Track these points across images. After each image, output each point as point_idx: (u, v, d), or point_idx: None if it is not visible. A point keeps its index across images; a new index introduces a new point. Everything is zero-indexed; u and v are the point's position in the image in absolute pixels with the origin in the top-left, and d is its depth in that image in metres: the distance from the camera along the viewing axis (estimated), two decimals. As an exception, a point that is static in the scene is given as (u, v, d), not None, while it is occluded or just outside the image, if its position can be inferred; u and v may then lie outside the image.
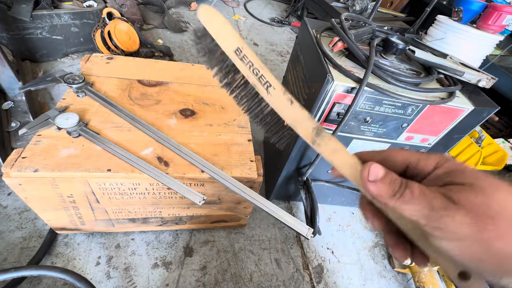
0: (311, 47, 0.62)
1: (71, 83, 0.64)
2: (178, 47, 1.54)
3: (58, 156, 0.51)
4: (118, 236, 0.70)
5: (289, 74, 0.77)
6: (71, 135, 0.55)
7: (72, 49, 1.23)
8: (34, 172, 0.48)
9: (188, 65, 0.84)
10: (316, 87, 0.55)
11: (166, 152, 0.57)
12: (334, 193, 0.87)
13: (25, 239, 0.65)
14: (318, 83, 0.55)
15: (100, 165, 0.51)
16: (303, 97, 0.61)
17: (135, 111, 0.64)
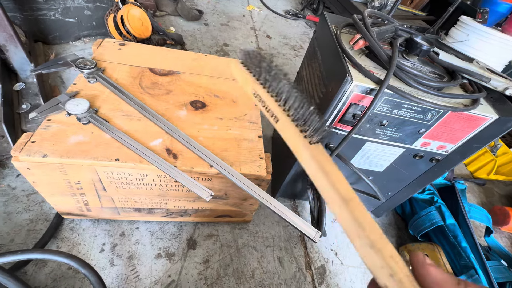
0: (330, 44, 0.60)
1: (83, 68, 0.63)
2: (190, 35, 1.52)
3: (67, 142, 0.50)
4: (123, 224, 0.70)
5: (303, 70, 0.75)
6: (80, 121, 0.54)
7: (84, 32, 1.22)
8: (42, 157, 0.47)
9: (200, 55, 0.82)
10: (333, 86, 0.53)
11: (175, 144, 0.56)
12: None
13: (32, 222, 0.66)
14: (335, 82, 0.52)
15: (108, 154, 0.50)
16: (319, 96, 0.59)
17: (146, 100, 0.63)
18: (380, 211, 0.92)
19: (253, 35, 1.72)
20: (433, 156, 0.66)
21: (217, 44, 1.52)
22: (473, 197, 1.12)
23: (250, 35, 1.71)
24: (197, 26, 1.61)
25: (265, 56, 0.31)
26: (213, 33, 1.61)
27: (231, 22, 1.77)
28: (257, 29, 1.79)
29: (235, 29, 1.71)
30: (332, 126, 0.58)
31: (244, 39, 1.64)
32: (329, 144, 0.63)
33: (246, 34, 1.69)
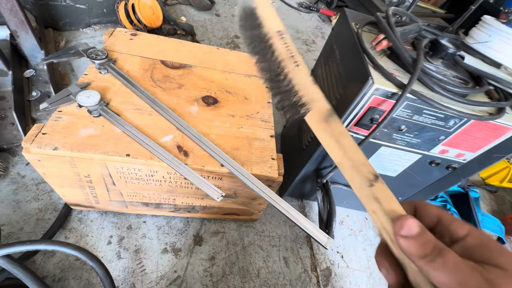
0: (350, 43, 0.57)
1: (94, 58, 0.62)
2: (201, 26, 1.49)
3: (78, 136, 0.50)
4: (130, 217, 0.70)
5: (319, 68, 0.72)
6: (91, 114, 0.53)
7: (95, 19, 1.20)
8: (53, 150, 0.47)
9: (213, 49, 0.80)
10: (352, 88, 0.51)
11: (186, 141, 0.55)
12: (351, 197, 0.84)
13: (41, 211, 0.66)
14: (355, 84, 0.50)
15: (119, 149, 0.50)
16: (335, 97, 0.57)
17: (157, 94, 0.62)
18: (388, 215, 0.91)
19: (264, 27, 1.68)
20: (450, 164, 0.64)
21: (228, 36, 1.49)
22: (484, 204, 1.09)
23: (262, 27, 1.67)
24: (208, 17, 1.58)
25: None
26: (224, 24, 1.57)
27: (242, 13, 1.73)
28: (269, 22, 1.75)
29: (246, 20, 1.67)
30: (348, 128, 0.56)
31: (255, 31, 1.60)
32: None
33: (257, 27, 1.65)
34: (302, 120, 0.27)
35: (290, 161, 0.81)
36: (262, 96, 0.70)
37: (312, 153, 0.65)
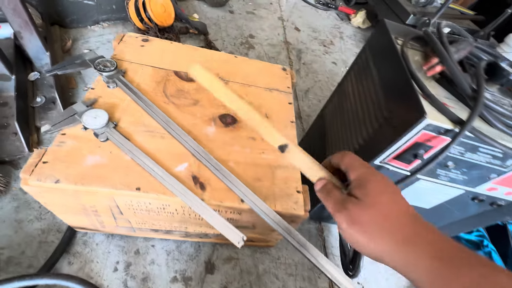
0: (393, 62, 0.50)
1: (102, 70, 0.56)
2: (214, 24, 1.41)
3: (83, 164, 0.44)
4: (138, 240, 0.65)
5: (349, 84, 0.65)
6: (98, 137, 0.47)
7: (103, 16, 1.14)
8: (55, 183, 0.41)
9: (231, 57, 0.73)
10: (396, 119, 0.44)
11: (202, 170, 0.49)
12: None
13: (44, 232, 0.62)
14: (400, 115, 0.43)
15: (128, 181, 0.44)
16: (372, 125, 0.50)
17: (170, 112, 0.56)
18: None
19: (280, 26, 1.59)
20: (495, 201, 0.57)
21: (242, 35, 1.41)
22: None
23: (278, 26, 1.58)
24: (221, 13, 1.50)
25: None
26: (238, 22, 1.49)
27: (257, 10, 1.64)
28: (285, 20, 1.66)
29: (261, 18, 1.59)
30: (386, 161, 0.49)
31: (271, 30, 1.52)
32: (376, 178, 0.54)
33: (273, 25, 1.57)
34: (324, 137, 0.30)
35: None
36: (284, 114, 0.64)
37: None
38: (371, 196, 0.26)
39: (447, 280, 0.22)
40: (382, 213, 0.25)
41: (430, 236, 0.24)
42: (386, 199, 0.26)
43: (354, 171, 0.30)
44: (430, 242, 0.24)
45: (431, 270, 0.22)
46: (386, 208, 0.26)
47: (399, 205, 0.26)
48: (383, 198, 0.26)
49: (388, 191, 0.27)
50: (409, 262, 0.24)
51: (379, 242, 0.25)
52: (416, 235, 0.24)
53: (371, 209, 0.26)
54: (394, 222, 0.25)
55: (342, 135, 0.62)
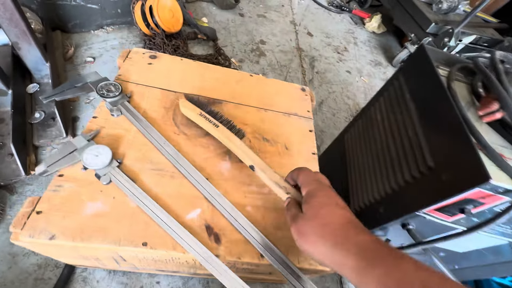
0: (437, 98, 0.43)
1: (105, 95, 0.50)
2: (224, 28, 1.34)
3: (82, 214, 0.39)
4: (142, 276, 0.60)
5: (377, 112, 0.59)
6: (100, 179, 0.42)
7: (108, 21, 1.08)
8: (49, 240, 0.36)
9: (245, 76, 0.67)
10: (446, 173, 0.38)
11: (216, 217, 0.43)
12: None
13: (40, 268, 0.57)
14: (452, 169, 0.37)
15: (134, 234, 0.38)
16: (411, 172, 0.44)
17: (181, 145, 0.50)
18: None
19: (292, 31, 1.51)
20: (542, 252, 0.51)
21: (253, 41, 1.34)
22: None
23: (290, 31, 1.50)
24: (231, 17, 1.42)
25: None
26: (249, 26, 1.42)
27: (268, 13, 1.57)
28: (297, 24, 1.58)
29: (273, 22, 1.51)
30: (425, 211, 0.43)
31: (282, 35, 1.44)
32: (409, 225, 0.49)
33: (285, 30, 1.49)
34: (345, 163, 0.29)
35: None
36: (305, 145, 0.58)
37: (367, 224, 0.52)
38: (313, 210, 0.32)
39: (365, 273, 0.26)
40: (321, 224, 0.30)
41: (358, 238, 0.28)
42: (325, 211, 0.31)
43: (305, 188, 0.35)
44: (356, 243, 0.27)
45: (354, 266, 0.26)
46: (324, 219, 0.30)
47: (336, 215, 0.30)
48: (323, 210, 0.31)
49: (329, 204, 0.32)
50: (340, 262, 0.28)
51: (319, 248, 0.29)
52: (345, 238, 0.28)
53: (312, 221, 0.31)
54: (330, 230, 0.29)
55: (369, 170, 0.56)
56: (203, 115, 0.49)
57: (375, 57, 1.58)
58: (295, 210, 0.35)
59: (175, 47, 1.08)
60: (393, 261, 0.25)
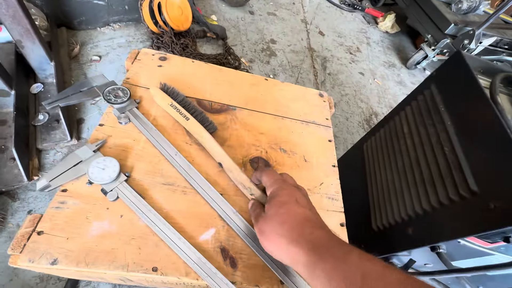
0: (479, 112, 0.39)
1: (113, 101, 0.46)
2: (233, 27, 1.29)
3: (87, 235, 0.35)
4: (148, 291, 0.57)
5: (404, 123, 0.54)
6: (107, 196, 0.38)
7: (115, 17, 1.04)
8: (51, 265, 0.32)
9: (260, 80, 0.63)
10: (493, 200, 0.34)
11: (232, 238, 0.40)
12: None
13: (42, 281, 0.54)
14: (500, 196, 0.33)
15: (143, 258, 0.35)
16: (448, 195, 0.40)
17: (193, 156, 0.46)
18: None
19: (304, 30, 1.46)
20: None
21: (263, 40, 1.29)
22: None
23: (301, 29, 1.45)
24: (241, 14, 1.38)
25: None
26: (259, 24, 1.37)
27: (279, 11, 1.52)
28: (308, 22, 1.53)
29: (283, 20, 1.46)
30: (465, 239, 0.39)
31: (293, 34, 1.40)
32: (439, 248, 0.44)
33: (296, 29, 1.44)
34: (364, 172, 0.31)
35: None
36: (325, 156, 0.54)
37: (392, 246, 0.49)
38: (273, 209, 0.33)
39: (314, 268, 0.27)
40: (279, 222, 0.31)
41: (313, 235, 0.29)
42: (284, 210, 0.32)
43: (269, 189, 0.37)
44: (310, 240, 0.28)
45: (306, 262, 0.28)
46: (282, 217, 0.31)
47: (295, 214, 0.31)
48: (282, 209, 0.32)
49: (289, 202, 0.33)
50: (294, 259, 0.29)
51: (277, 246, 0.30)
52: (300, 236, 0.29)
53: (271, 220, 0.32)
54: (288, 227, 0.30)
55: (394, 186, 0.52)
56: (174, 105, 0.47)
57: (389, 58, 1.53)
58: (258, 210, 0.36)
59: (183, 46, 1.04)
60: (341, 255, 0.26)
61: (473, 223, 0.35)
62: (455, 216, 0.38)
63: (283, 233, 0.30)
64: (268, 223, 0.32)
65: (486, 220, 0.33)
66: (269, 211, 0.33)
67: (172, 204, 0.40)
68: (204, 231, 0.39)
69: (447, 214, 0.40)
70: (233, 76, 0.62)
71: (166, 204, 0.40)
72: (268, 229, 0.32)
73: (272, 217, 0.32)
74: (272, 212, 0.33)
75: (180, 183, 0.43)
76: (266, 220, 0.33)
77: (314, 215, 0.33)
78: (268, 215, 0.33)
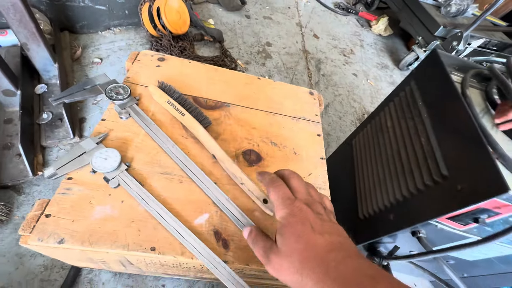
0: (451, 105, 0.42)
1: (114, 98, 0.50)
2: (230, 30, 1.34)
3: (91, 218, 0.38)
4: (147, 279, 0.60)
5: (387, 118, 0.58)
6: (109, 183, 0.41)
7: (115, 22, 1.08)
8: (59, 244, 0.36)
9: (253, 79, 0.66)
10: (461, 182, 0.37)
11: (225, 223, 0.43)
12: (402, 266, 0.71)
13: (46, 269, 0.57)
14: (467, 178, 0.36)
15: (142, 239, 0.38)
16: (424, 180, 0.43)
17: (189, 148, 0.49)
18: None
19: (299, 33, 1.51)
20: (557, 263, 0.50)
21: (259, 43, 1.33)
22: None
23: (296, 33, 1.50)
24: (237, 18, 1.42)
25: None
26: (255, 28, 1.41)
27: (274, 15, 1.56)
28: (303, 26, 1.58)
29: (279, 24, 1.51)
30: (437, 220, 0.43)
31: (288, 37, 1.44)
32: (419, 233, 0.48)
33: (291, 32, 1.49)
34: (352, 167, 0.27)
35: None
36: (313, 149, 0.57)
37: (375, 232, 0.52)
38: (289, 245, 0.29)
39: None
40: (299, 260, 0.28)
41: (339, 271, 0.26)
42: (302, 246, 0.28)
43: (278, 211, 0.32)
44: (335, 278, 0.25)
45: None
46: (302, 255, 0.28)
47: (314, 246, 0.28)
48: (299, 245, 0.28)
49: (304, 233, 0.29)
50: None
51: (299, 285, 0.27)
52: (325, 274, 0.26)
53: (290, 258, 0.28)
54: (309, 266, 0.27)
55: (378, 176, 0.55)
56: (170, 102, 0.51)
57: (382, 60, 1.57)
58: (263, 244, 0.32)
59: (181, 48, 1.08)
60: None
61: (444, 204, 0.38)
62: (429, 200, 0.41)
63: (305, 273, 0.27)
64: (285, 262, 0.28)
65: (454, 201, 0.37)
66: (284, 246, 0.29)
67: (169, 191, 0.44)
68: (199, 216, 0.43)
69: (423, 198, 0.43)
70: (228, 76, 0.65)
71: (164, 191, 0.44)
72: (286, 269, 0.28)
73: (290, 255, 0.28)
74: (288, 249, 0.28)
75: (177, 172, 0.46)
76: (281, 257, 0.29)
77: (333, 237, 0.29)
78: (283, 251, 0.29)
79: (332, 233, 0.29)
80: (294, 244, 0.28)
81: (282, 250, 0.29)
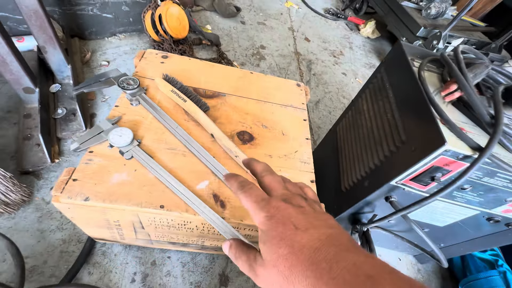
0: (409, 85, 0.51)
1: (126, 88, 0.58)
2: (226, 35, 1.44)
3: (110, 182, 0.46)
4: (154, 252, 0.67)
5: (364, 103, 0.66)
6: (123, 155, 0.49)
7: (120, 28, 1.18)
8: (84, 201, 0.43)
9: (246, 73, 0.75)
10: (415, 143, 0.45)
11: (222, 188, 0.50)
12: (386, 239, 0.78)
13: (65, 242, 0.64)
14: (419, 139, 0.44)
15: (153, 199, 0.46)
16: (389, 147, 0.51)
17: (190, 130, 0.57)
18: (425, 258, 0.84)
19: (291, 36, 1.61)
20: (511, 222, 0.57)
21: (254, 46, 1.43)
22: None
23: (288, 36, 1.60)
24: (233, 24, 1.53)
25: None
26: (250, 32, 1.52)
27: (268, 20, 1.67)
28: (295, 30, 1.68)
29: (272, 29, 1.61)
30: (402, 182, 0.50)
31: (281, 41, 1.54)
32: (391, 198, 0.55)
33: (283, 36, 1.59)
34: (337, 152, 0.30)
35: (320, 198, 0.76)
36: (299, 131, 0.65)
37: (354, 199, 0.59)
38: (272, 253, 0.25)
39: None
40: (287, 267, 0.24)
41: (332, 273, 0.22)
42: (286, 250, 0.24)
43: (255, 217, 0.27)
44: (327, 282, 0.22)
45: None
46: (289, 261, 0.24)
47: (300, 248, 0.24)
48: (283, 250, 0.24)
49: (287, 235, 0.25)
50: None
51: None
52: (318, 279, 0.22)
53: (275, 268, 0.24)
54: (299, 272, 0.23)
55: (356, 152, 0.63)
56: (174, 91, 0.59)
57: (370, 60, 1.67)
58: (245, 257, 0.28)
59: (181, 51, 1.17)
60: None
61: (403, 164, 0.46)
62: (394, 163, 0.49)
63: (299, 280, 0.23)
64: (273, 273, 0.25)
65: (410, 160, 0.44)
66: (268, 255, 0.25)
67: (174, 163, 0.51)
68: (200, 182, 0.50)
69: (389, 162, 0.51)
70: (223, 71, 0.74)
71: (170, 163, 0.51)
72: (275, 281, 0.25)
73: (276, 264, 0.24)
74: (273, 258, 0.25)
75: (181, 148, 0.54)
76: (268, 268, 0.25)
77: (320, 231, 0.25)
78: (268, 261, 0.25)
79: (318, 226, 0.25)
80: (278, 250, 0.24)
81: (267, 259, 0.25)
